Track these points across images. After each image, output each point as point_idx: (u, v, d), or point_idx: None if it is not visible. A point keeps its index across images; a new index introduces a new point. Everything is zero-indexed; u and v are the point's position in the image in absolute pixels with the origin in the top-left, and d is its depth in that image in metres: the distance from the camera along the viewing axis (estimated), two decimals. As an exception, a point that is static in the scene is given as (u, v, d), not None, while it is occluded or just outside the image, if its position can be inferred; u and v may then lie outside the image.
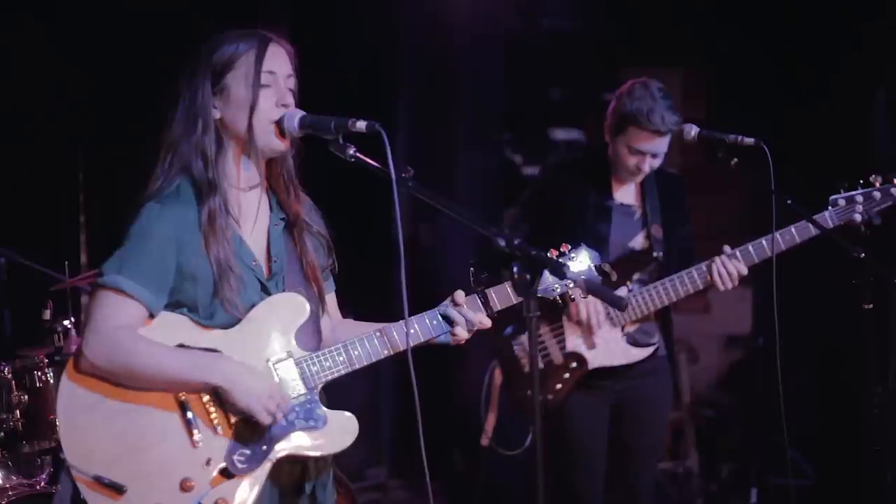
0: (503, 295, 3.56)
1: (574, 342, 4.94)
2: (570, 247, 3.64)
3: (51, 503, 4.85)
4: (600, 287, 3.52)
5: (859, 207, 4.69)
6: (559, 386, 4.93)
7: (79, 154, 6.94)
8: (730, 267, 4.76)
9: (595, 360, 4.94)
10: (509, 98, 7.93)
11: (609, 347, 4.93)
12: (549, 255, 3.54)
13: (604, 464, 5.03)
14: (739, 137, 4.39)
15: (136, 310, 3.25)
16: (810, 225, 4.59)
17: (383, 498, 7.67)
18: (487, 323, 3.54)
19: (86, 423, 3.23)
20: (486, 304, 3.54)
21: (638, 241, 4.97)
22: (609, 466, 5.08)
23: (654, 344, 5.01)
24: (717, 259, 4.78)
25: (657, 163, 4.87)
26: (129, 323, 3.24)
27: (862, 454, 5.15)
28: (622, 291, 4.87)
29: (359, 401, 3.80)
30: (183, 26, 6.44)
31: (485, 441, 5.18)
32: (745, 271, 4.78)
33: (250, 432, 3.29)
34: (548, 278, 3.52)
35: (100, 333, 3.23)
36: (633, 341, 4.97)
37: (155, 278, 3.25)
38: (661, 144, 4.82)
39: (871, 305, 4.40)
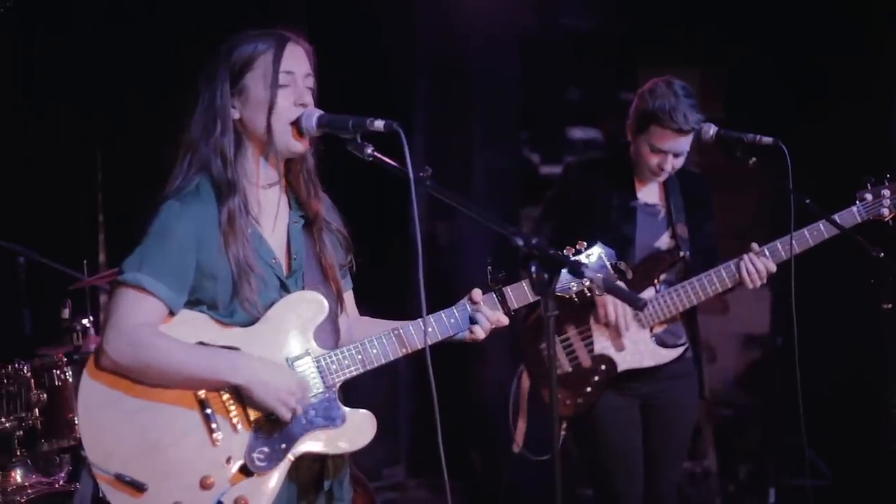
0: (520, 293, 3.56)
1: (602, 344, 4.91)
2: (585, 244, 3.64)
3: (69, 501, 4.87)
4: (618, 286, 3.50)
5: (886, 201, 4.69)
6: (589, 389, 4.89)
7: (97, 154, 6.95)
8: (758, 264, 4.73)
9: (624, 362, 4.91)
10: (526, 97, 7.92)
11: (637, 349, 4.91)
12: (565, 253, 3.54)
13: (641, 465, 5.00)
14: (758, 137, 4.39)
15: (156, 307, 3.26)
16: (835, 220, 4.59)
17: (401, 497, 7.66)
18: (505, 321, 3.54)
19: (106, 420, 3.25)
20: (503, 302, 3.55)
21: (663, 241, 4.94)
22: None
23: (682, 344, 4.99)
24: (745, 257, 4.75)
25: (679, 162, 4.83)
26: (150, 320, 3.25)
27: (880, 455, 5.13)
28: (650, 292, 4.84)
29: (376, 399, 3.80)
30: (201, 26, 6.47)
31: (516, 448, 5.14)
32: (773, 268, 4.75)
33: (269, 430, 3.30)
34: (565, 276, 3.52)
35: (120, 331, 3.24)
36: (661, 342, 4.94)
37: (175, 276, 3.26)
38: (684, 143, 4.78)
39: (890, 305, 4.39)
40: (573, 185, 5.08)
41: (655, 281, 4.88)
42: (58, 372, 5.12)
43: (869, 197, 4.72)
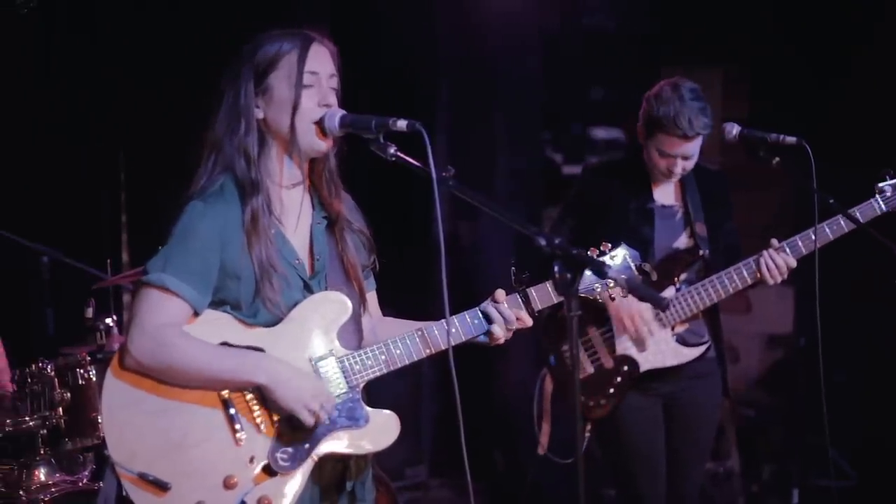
0: (544, 294, 3.55)
1: (624, 345, 4.90)
2: (609, 245, 3.64)
3: (93, 500, 4.89)
4: (641, 286, 3.50)
5: None
6: (612, 390, 4.88)
7: (120, 154, 6.98)
8: (778, 260, 4.72)
9: (646, 362, 4.90)
10: (548, 97, 7.91)
11: (659, 348, 4.89)
12: (589, 254, 3.53)
13: (664, 466, 4.98)
14: (781, 136, 4.37)
15: (180, 307, 3.26)
16: (857, 214, 4.59)
17: (423, 497, 7.67)
18: (528, 322, 3.54)
19: (130, 420, 3.25)
20: (526, 302, 3.54)
21: (682, 241, 4.92)
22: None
23: (704, 343, 4.97)
24: (765, 253, 4.73)
25: (690, 164, 4.81)
26: (174, 320, 3.26)
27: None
28: (670, 291, 4.83)
29: (399, 400, 3.80)
30: (225, 26, 6.47)
31: (541, 451, 5.13)
32: (794, 264, 4.73)
33: (293, 430, 3.30)
34: (588, 277, 3.52)
35: (144, 331, 3.24)
36: (683, 341, 4.93)
37: (199, 276, 3.27)
38: (691, 147, 4.75)
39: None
40: (590, 187, 5.06)
41: (675, 280, 4.86)
42: (81, 371, 5.13)
43: (888, 189, 4.71)
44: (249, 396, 3.29)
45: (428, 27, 7.51)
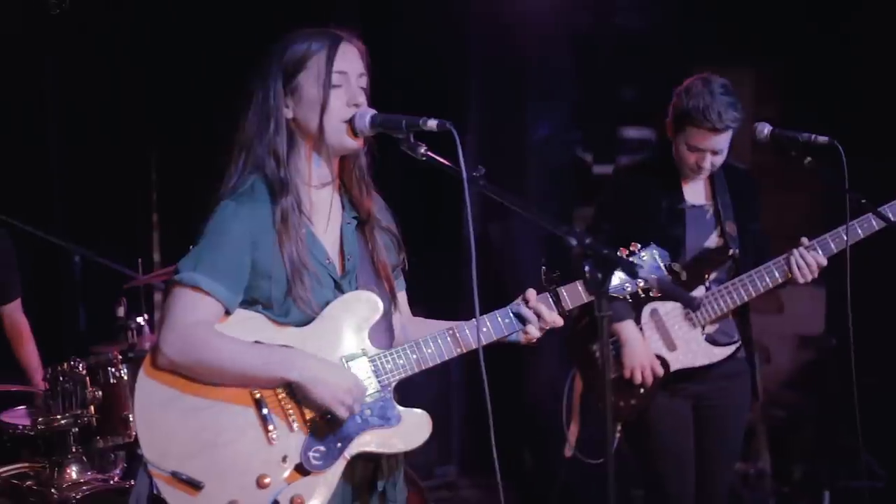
0: (575, 293, 3.54)
1: (654, 345, 4.89)
2: (639, 245, 3.63)
3: (124, 498, 4.90)
4: (672, 286, 3.49)
5: None
6: (642, 390, 4.88)
7: (151, 154, 7.01)
8: (808, 258, 4.70)
9: (676, 361, 4.89)
10: (580, 96, 7.91)
11: (690, 348, 4.88)
12: (619, 253, 3.53)
13: (693, 466, 4.97)
14: (812, 136, 4.36)
15: (212, 306, 3.27)
16: (888, 213, 4.58)
17: (453, 496, 7.68)
18: (559, 322, 3.52)
19: (162, 418, 3.26)
20: (557, 302, 3.53)
21: (712, 240, 4.91)
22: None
23: (735, 343, 4.96)
24: (795, 251, 4.72)
25: (719, 160, 4.80)
26: (206, 319, 3.26)
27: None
28: (700, 291, 4.82)
29: (429, 399, 3.80)
30: (254, 26, 6.49)
31: (568, 452, 5.11)
32: (824, 262, 4.71)
33: (325, 429, 3.30)
34: (619, 277, 3.51)
35: (176, 330, 3.25)
36: (713, 341, 4.91)
37: (230, 275, 3.27)
38: (720, 141, 4.74)
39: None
40: (621, 188, 5.05)
41: (705, 279, 4.85)
42: (113, 370, 5.16)
43: None
44: (282, 395, 3.29)
45: (458, 26, 7.52)
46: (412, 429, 3.39)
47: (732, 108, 4.68)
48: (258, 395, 3.28)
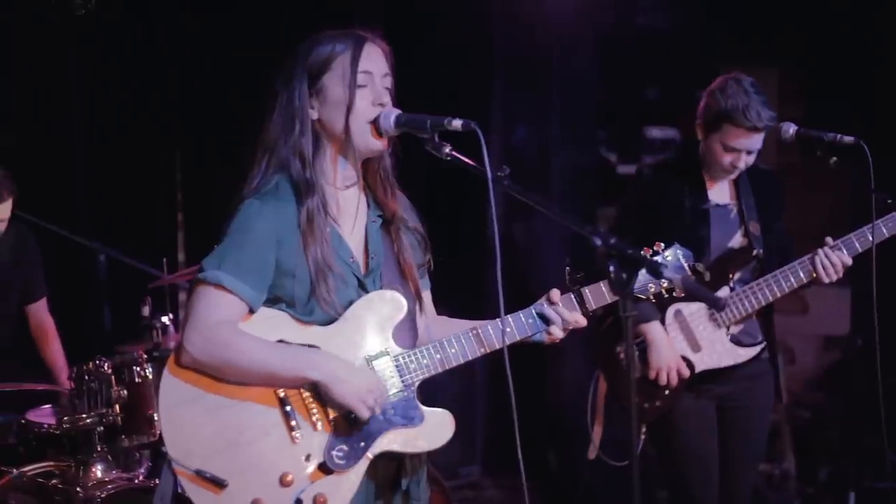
0: (598, 294, 3.53)
1: (679, 346, 4.88)
2: (662, 245, 3.62)
3: (149, 496, 4.92)
4: (697, 286, 3.47)
5: None
6: (667, 391, 4.87)
7: (176, 154, 7.03)
8: (833, 258, 4.68)
9: (701, 362, 4.87)
10: (603, 96, 7.90)
11: (714, 349, 4.87)
12: (643, 253, 3.52)
13: (717, 468, 4.95)
14: (838, 136, 4.34)
15: (235, 305, 3.27)
16: None
17: (477, 496, 7.67)
18: (583, 322, 3.52)
19: (186, 417, 3.27)
20: (581, 302, 3.52)
21: (736, 240, 4.90)
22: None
23: (759, 343, 4.94)
24: (819, 251, 4.70)
25: (752, 159, 4.78)
26: (229, 318, 3.27)
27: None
28: (724, 291, 4.81)
29: (453, 399, 3.81)
30: (279, 27, 6.51)
31: (592, 454, 5.10)
32: (849, 262, 4.69)
33: (349, 428, 3.30)
34: (643, 277, 3.50)
35: (200, 329, 3.26)
36: (737, 342, 4.90)
37: (255, 274, 3.28)
38: (757, 141, 4.73)
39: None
40: (644, 188, 5.03)
41: (729, 280, 4.83)
42: (138, 369, 5.17)
43: None
44: (306, 394, 3.30)
45: (483, 26, 7.51)
46: (435, 428, 3.39)
47: (767, 107, 4.67)
48: (282, 394, 3.29)
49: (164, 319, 5.51)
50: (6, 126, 6.43)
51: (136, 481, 5.11)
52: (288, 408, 3.28)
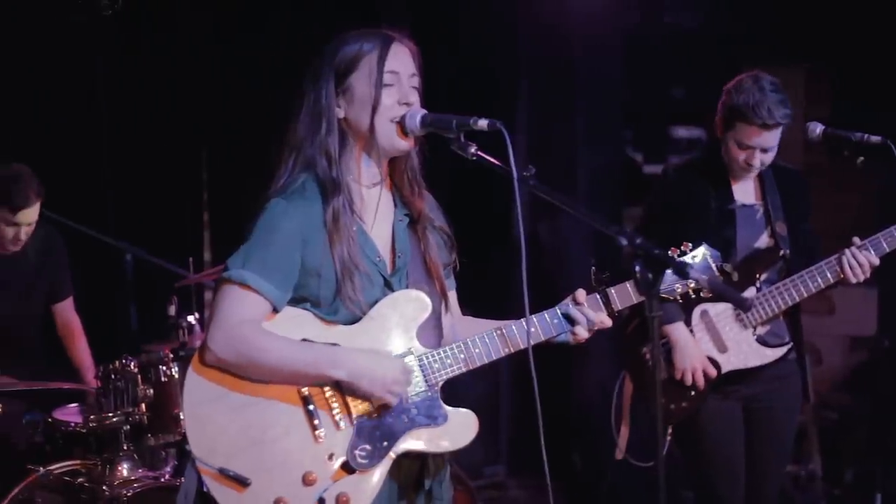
0: (624, 294, 3.52)
1: (705, 346, 4.87)
2: (690, 245, 3.60)
3: (174, 495, 4.93)
4: (724, 287, 3.46)
5: None
6: (693, 392, 4.85)
7: (202, 153, 7.05)
8: (860, 258, 4.66)
9: (728, 363, 4.86)
10: (629, 96, 7.88)
11: (741, 349, 4.86)
12: (669, 253, 3.51)
13: (743, 468, 4.94)
14: (865, 136, 4.33)
15: (260, 304, 3.27)
16: None
17: (501, 496, 7.67)
18: (608, 322, 3.51)
19: (210, 415, 3.27)
20: (607, 303, 3.51)
21: (763, 240, 4.88)
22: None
23: (786, 344, 4.92)
24: (846, 251, 4.68)
25: (768, 157, 4.76)
26: (254, 317, 3.27)
27: None
28: (750, 292, 4.79)
29: (477, 399, 3.80)
30: (306, 27, 6.52)
31: (619, 455, 5.09)
32: (876, 262, 4.67)
33: (372, 427, 3.31)
34: (669, 277, 3.49)
35: (224, 327, 3.26)
36: (764, 342, 4.88)
37: (280, 273, 3.28)
38: (770, 138, 4.71)
39: None
40: (670, 188, 5.02)
41: (756, 280, 4.81)
42: (164, 368, 5.19)
43: None
44: (329, 393, 3.30)
45: (509, 26, 7.51)
46: (459, 428, 3.39)
47: (783, 104, 4.65)
48: (306, 393, 3.29)
49: (191, 319, 5.52)
50: (34, 126, 6.46)
51: (162, 480, 5.13)
52: (311, 406, 3.28)
